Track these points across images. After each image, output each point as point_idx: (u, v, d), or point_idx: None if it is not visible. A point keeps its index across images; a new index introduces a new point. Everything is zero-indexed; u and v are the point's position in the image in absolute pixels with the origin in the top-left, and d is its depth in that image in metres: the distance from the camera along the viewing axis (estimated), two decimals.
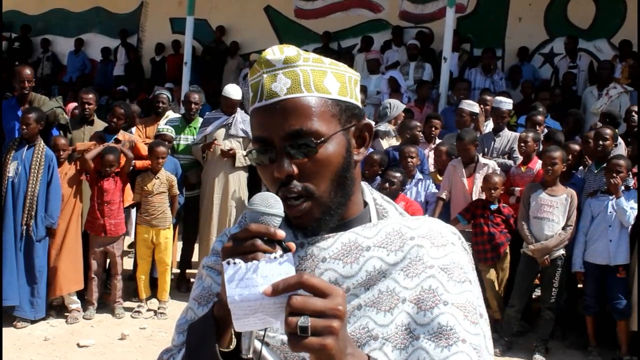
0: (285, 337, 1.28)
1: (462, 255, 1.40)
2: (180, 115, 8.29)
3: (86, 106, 7.45)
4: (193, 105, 7.92)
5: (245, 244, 1.18)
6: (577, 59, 10.67)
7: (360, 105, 1.44)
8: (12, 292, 6.30)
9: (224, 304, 1.23)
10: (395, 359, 1.28)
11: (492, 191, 6.47)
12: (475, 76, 10.56)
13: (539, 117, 7.86)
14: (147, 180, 6.98)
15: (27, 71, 7.23)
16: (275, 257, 1.14)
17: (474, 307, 1.34)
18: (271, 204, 1.23)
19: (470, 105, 8.00)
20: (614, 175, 6.15)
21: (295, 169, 1.32)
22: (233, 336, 1.28)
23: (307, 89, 1.34)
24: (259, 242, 1.17)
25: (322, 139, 1.32)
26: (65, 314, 6.72)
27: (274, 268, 1.13)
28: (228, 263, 1.14)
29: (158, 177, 6.98)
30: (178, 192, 7.17)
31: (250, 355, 1.21)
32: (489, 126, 8.22)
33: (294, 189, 1.32)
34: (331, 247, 1.36)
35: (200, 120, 7.91)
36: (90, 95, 7.55)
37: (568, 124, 7.86)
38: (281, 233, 1.19)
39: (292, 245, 1.22)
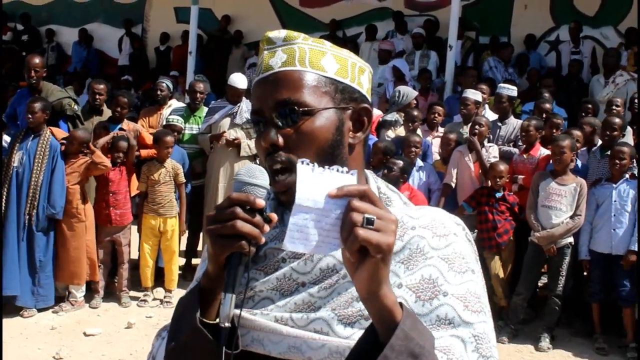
0: (278, 314, 1.31)
1: (464, 245, 1.37)
2: (184, 105, 8.28)
3: (97, 96, 7.50)
4: (198, 95, 7.92)
5: (225, 212, 1.20)
6: (580, 45, 10.62)
7: (363, 91, 1.44)
8: (13, 282, 6.30)
9: (210, 275, 1.27)
10: None
11: (498, 180, 6.46)
12: (497, 67, 10.51)
13: (547, 105, 7.84)
14: (153, 169, 6.97)
15: (35, 60, 7.21)
16: (344, 171, 1.16)
17: (477, 296, 1.32)
18: (256, 175, 1.25)
19: (475, 94, 7.99)
20: (617, 162, 6.17)
21: (281, 139, 1.34)
22: None
23: (301, 64, 1.38)
24: (238, 209, 1.19)
25: (308, 109, 1.34)
26: (72, 300, 6.73)
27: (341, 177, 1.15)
28: (302, 162, 1.16)
29: (164, 166, 6.98)
30: (184, 181, 7.17)
31: (228, 324, 1.22)
32: (486, 114, 8.18)
33: (277, 159, 1.34)
34: None
35: (205, 109, 7.92)
36: (102, 86, 7.59)
37: (588, 113, 7.79)
38: (260, 202, 1.21)
39: (274, 216, 1.24)
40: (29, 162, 6.39)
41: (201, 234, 7.92)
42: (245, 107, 7.56)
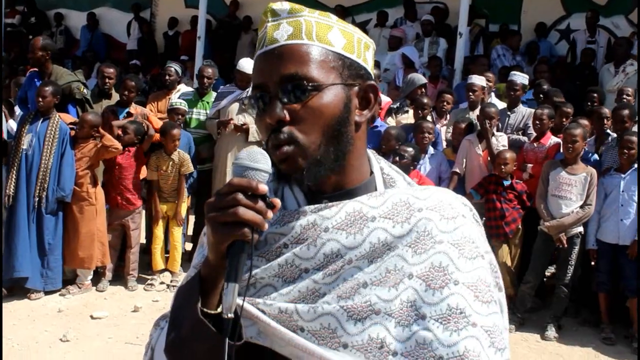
0: (282, 305, 1.27)
1: (473, 227, 1.33)
2: (193, 90, 8.27)
3: (106, 80, 7.53)
4: (206, 80, 7.90)
5: (226, 199, 1.16)
6: (596, 35, 10.54)
7: (368, 68, 1.39)
8: (25, 264, 6.33)
9: (210, 264, 1.23)
10: (398, 335, 1.23)
11: (502, 167, 6.43)
12: (504, 55, 10.46)
13: (558, 98, 7.78)
14: (162, 162, 7.00)
15: (37, 42, 7.14)
16: None
17: (487, 284, 1.28)
18: (257, 158, 1.21)
19: (481, 80, 7.96)
20: (625, 151, 6.13)
21: (287, 115, 1.28)
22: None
23: (308, 37, 1.31)
24: (240, 195, 1.16)
25: (317, 84, 1.29)
26: (79, 284, 6.75)
27: None
28: None
29: (172, 159, 7.00)
30: (190, 171, 7.18)
31: (231, 315, 1.18)
32: (491, 101, 8.13)
33: (281, 136, 1.28)
34: (335, 217, 1.30)
35: (214, 94, 7.91)
36: (111, 70, 7.61)
37: (593, 102, 7.75)
38: (263, 187, 1.17)
39: (277, 201, 1.20)
40: (39, 145, 6.39)
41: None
42: None
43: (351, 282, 1.26)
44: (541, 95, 8.03)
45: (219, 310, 1.24)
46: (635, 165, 6.23)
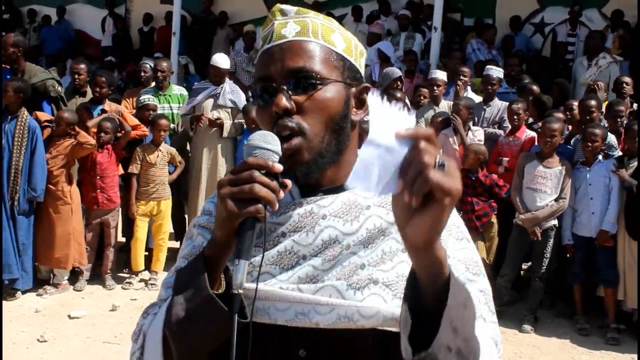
0: (283, 285, 1.31)
1: (456, 216, 1.45)
2: (152, 87, 8.17)
3: (76, 77, 7.42)
4: (160, 74, 7.85)
5: (242, 175, 1.20)
6: (576, 28, 10.63)
7: (362, 72, 1.48)
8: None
9: (218, 242, 1.25)
10: (394, 307, 1.27)
11: (465, 160, 6.49)
12: (479, 49, 10.51)
13: (534, 87, 7.84)
14: (149, 152, 6.96)
15: (8, 39, 7.00)
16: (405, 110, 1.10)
17: (475, 261, 1.40)
18: (269, 140, 1.26)
19: (442, 74, 8.01)
20: (589, 144, 6.19)
21: (293, 105, 1.34)
22: (222, 280, 1.30)
23: (314, 36, 1.40)
24: (256, 173, 1.20)
25: (322, 78, 1.36)
26: (56, 283, 6.70)
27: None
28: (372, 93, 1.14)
29: (160, 150, 6.98)
30: (180, 159, 7.21)
31: (241, 291, 1.21)
32: (467, 95, 8.18)
33: (288, 123, 1.33)
34: (331, 205, 1.37)
35: (174, 87, 7.99)
36: (82, 66, 7.53)
37: (553, 93, 7.85)
38: (278, 166, 1.23)
39: (289, 182, 1.26)
40: (9, 144, 6.31)
41: (186, 216, 7.89)
42: (228, 88, 7.54)
43: (348, 267, 1.33)
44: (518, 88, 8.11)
45: (221, 290, 1.29)
46: (600, 157, 6.31)
